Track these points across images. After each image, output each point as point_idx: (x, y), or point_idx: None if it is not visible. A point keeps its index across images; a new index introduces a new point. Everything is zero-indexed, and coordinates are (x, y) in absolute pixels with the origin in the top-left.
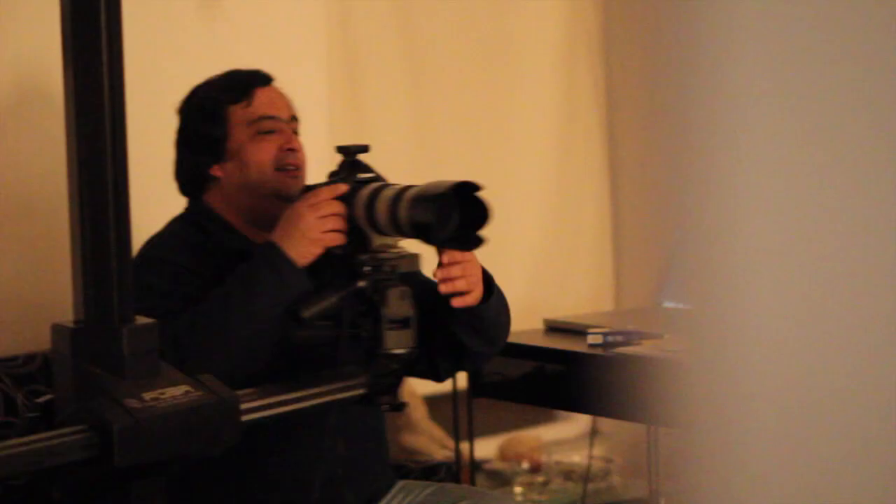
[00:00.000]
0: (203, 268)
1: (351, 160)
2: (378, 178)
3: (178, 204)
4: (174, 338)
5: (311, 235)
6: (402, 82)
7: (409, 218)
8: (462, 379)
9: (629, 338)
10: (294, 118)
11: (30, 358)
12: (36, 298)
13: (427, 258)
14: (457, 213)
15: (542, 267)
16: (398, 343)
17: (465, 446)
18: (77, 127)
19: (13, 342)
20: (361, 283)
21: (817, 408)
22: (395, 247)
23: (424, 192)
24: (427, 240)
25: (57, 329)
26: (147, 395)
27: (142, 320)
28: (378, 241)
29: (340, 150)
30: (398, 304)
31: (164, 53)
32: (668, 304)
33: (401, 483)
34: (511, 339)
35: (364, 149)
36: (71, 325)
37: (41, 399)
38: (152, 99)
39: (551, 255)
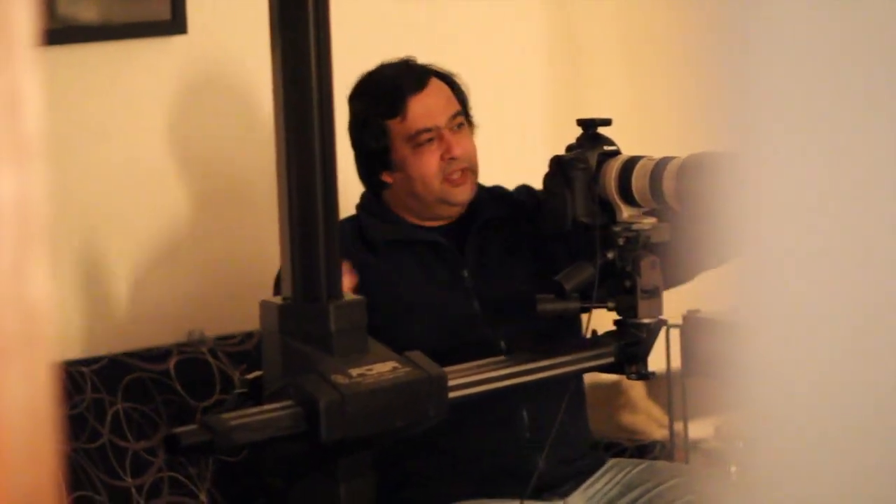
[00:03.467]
0: (382, 260)
1: (593, 133)
2: (619, 150)
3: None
4: None
5: None
6: (622, 68)
7: (677, 187)
8: (676, 358)
9: None
10: (456, 114)
11: (247, 336)
12: (254, 278)
13: None
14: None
15: None
16: (649, 312)
17: (680, 426)
18: (285, 108)
19: (231, 321)
20: (610, 255)
21: None
22: (642, 217)
23: (698, 161)
24: (694, 209)
25: (265, 306)
26: (354, 371)
27: (349, 297)
28: (627, 212)
29: (581, 123)
30: (650, 273)
31: (380, 46)
32: None
33: (612, 461)
34: (725, 316)
35: (606, 122)
36: (279, 301)
37: (250, 375)
38: None
39: None
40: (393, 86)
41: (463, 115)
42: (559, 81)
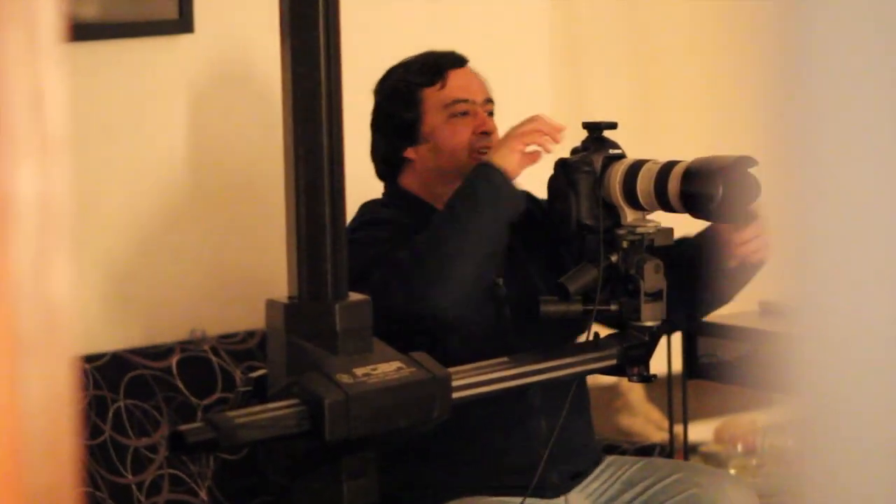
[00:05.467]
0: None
1: (598, 136)
2: (624, 154)
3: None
4: (396, 266)
5: (514, 145)
6: (624, 63)
7: (682, 191)
8: (677, 361)
9: None
10: (489, 100)
11: (249, 335)
12: (256, 277)
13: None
14: (736, 188)
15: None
16: (652, 315)
17: (680, 429)
18: (294, 107)
19: (233, 319)
20: (614, 258)
21: None
22: (647, 221)
23: (703, 165)
24: (698, 213)
25: (271, 304)
26: (359, 371)
27: (355, 297)
28: (631, 216)
29: (587, 126)
30: (654, 277)
31: (385, 42)
32: None
33: (609, 458)
34: (726, 320)
35: (612, 125)
36: (285, 300)
37: (254, 374)
38: (369, 85)
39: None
40: (434, 58)
41: (492, 107)
42: (563, 84)
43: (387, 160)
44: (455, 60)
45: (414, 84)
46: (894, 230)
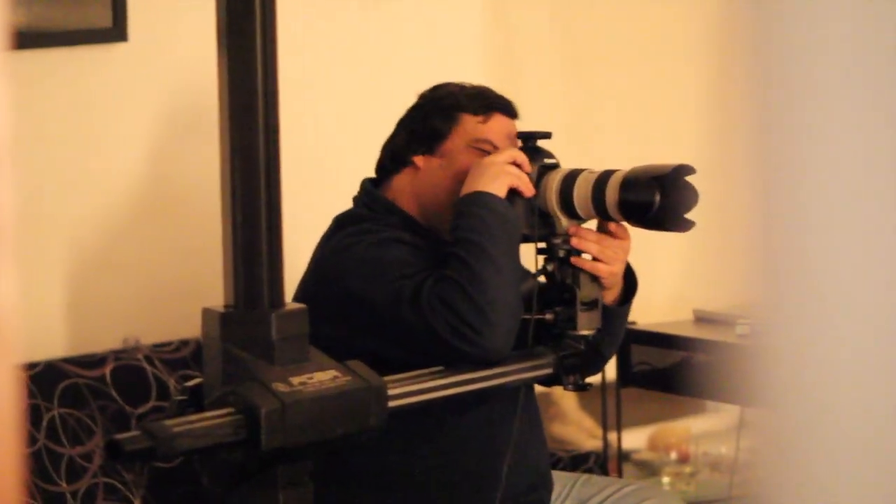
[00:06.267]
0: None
1: (533, 146)
2: (559, 164)
3: (325, 194)
4: (444, 303)
5: (494, 169)
6: (559, 72)
7: (620, 199)
8: (611, 369)
9: None
10: None
11: (183, 343)
12: (190, 285)
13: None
14: (674, 195)
15: (693, 256)
16: (588, 324)
17: (613, 436)
18: (230, 116)
19: (168, 328)
20: (550, 267)
21: None
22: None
23: (641, 174)
24: (637, 221)
25: (207, 313)
26: (295, 380)
27: (291, 305)
28: (567, 224)
29: (522, 136)
30: (589, 286)
31: (322, 49)
32: None
33: None
34: (661, 328)
35: (546, 135)
36: (221, 309)
37: (190, 383)
38: (307, 92)
39: (703, 244)
40: (490, 94)
41: None
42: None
43: (396, 155)
44: (508, 108)
45: (459, 104)
46: (843, 234)
